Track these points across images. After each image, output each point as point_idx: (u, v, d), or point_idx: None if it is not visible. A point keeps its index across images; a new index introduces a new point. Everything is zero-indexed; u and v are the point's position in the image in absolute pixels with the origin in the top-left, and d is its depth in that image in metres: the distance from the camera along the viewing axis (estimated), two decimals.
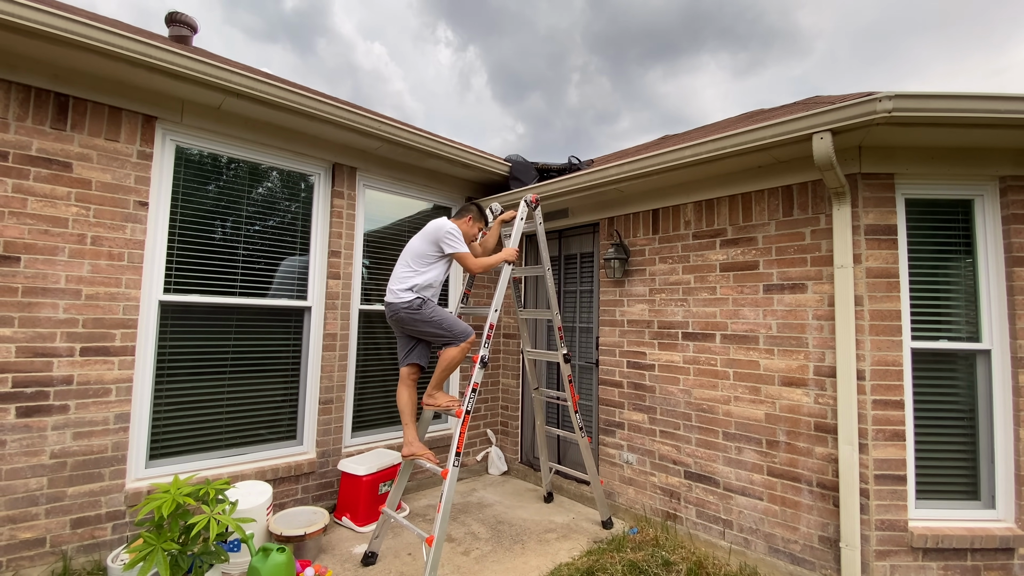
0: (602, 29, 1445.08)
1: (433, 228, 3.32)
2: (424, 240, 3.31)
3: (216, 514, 2.37)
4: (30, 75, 2.84)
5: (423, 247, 3.30)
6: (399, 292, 3.22)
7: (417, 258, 3.28)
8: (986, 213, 2.98)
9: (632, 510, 4.01)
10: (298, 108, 3.45)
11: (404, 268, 3.30)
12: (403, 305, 3.19)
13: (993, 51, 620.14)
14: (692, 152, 3.29)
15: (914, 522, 2.84)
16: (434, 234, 3.28)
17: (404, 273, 3.28)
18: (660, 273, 3.95)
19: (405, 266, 3.30)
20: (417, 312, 3.18)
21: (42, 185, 2.87)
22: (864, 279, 2.92)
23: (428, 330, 3.23)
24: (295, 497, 3.77)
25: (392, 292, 3.26)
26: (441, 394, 3.32)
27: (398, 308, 3.21)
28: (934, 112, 2.52)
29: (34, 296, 2.82)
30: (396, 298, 3.22)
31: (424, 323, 3.20)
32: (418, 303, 3.19)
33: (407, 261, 3.31)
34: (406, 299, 3.19)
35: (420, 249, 3.30)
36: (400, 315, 3.22)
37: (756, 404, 3.35)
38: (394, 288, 3.26)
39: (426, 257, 3.28)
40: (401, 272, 3.29)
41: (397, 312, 3.22)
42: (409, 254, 3.33)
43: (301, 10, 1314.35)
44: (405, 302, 3.19)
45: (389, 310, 3.28)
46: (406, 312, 3.19)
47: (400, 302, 3.20)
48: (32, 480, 2.78)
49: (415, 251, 3.31)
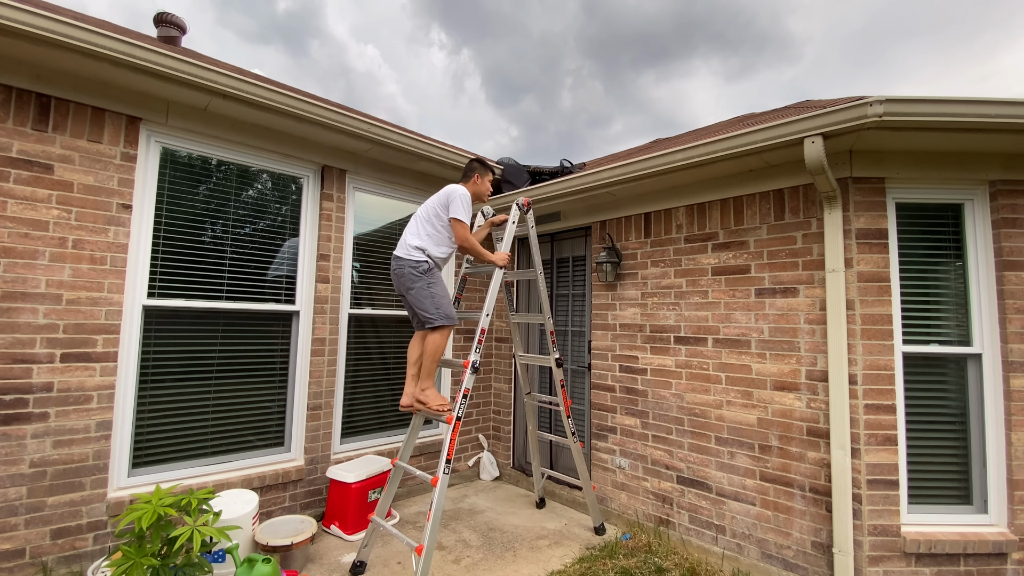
0: (595, 33, 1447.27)
1: (447, 191, 3.30)
2: (439, 203, 3.29)
3: (199, 525, 2.31)
4: (11, 75, 2.78)
5: (438, 209, 3.28)
6: (411, 249, 3.20)
7: (435, 220, 3.26)
8: (976, 217, 2.99)
9: (625, 515, 3.98)
10: (286, 109, 3.40)
11: (425, 226, 3.26)
12: (411, 262, 3.17)
13: (981, 57, 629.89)
14: (684, 156, 3.28)
15: (907, 527, 2.83)
16: (447, 197, 3.26)
17: (424, 231, 3.25)
18: (652, 277, 3.93)
19: (426, 224, 3.27)
20: (420, 277, 3.16)
21: (22, 187, 2.80)
22: (856, 283, 2.91)
23: (418, 298, 3.17)
24: (282, 505, 3.71)
25: (404, 246, 3.23)
26: (432, 392, 3.25)
27: (404, 263, 3.19)
28: (924, 116, 2.52)
29: (13, 301, 2.75)
30: (407, 253, 3.20)
31: (419, 290, 3.16)
32: (426, 267, 3.18)
33: (429, 220, 3.28)
34: (416, 257, 3.17)
35: (435, 211, 3.28)
36: (404, 271, 3.18)
37: (748, 408, 3.33)
38: (408, 242, 3.23)
39: (440, 220, 3.26)
40: (420, 229, 3.26)
41: (403, 267, 3.19)
42: (426, 214, 3.30)
43: (294, 12, 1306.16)
44: (414, 260, 3.17)
45: (395, 263, 3.25)
46: (411, 269, 3.16)
47: (410, 258, 3.18)
48: (11, 490, 2.71)
49: (431, 212, 3.29)
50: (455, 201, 3.22)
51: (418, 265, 3.16)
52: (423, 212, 3.32)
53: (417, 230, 3.26)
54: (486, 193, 3.58)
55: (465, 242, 3.23)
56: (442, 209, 3.26)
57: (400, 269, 3.21)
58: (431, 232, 3.25)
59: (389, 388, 4.60)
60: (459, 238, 3.23)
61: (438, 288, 3.20)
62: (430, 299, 3.16)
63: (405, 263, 3.18)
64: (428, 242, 3.22)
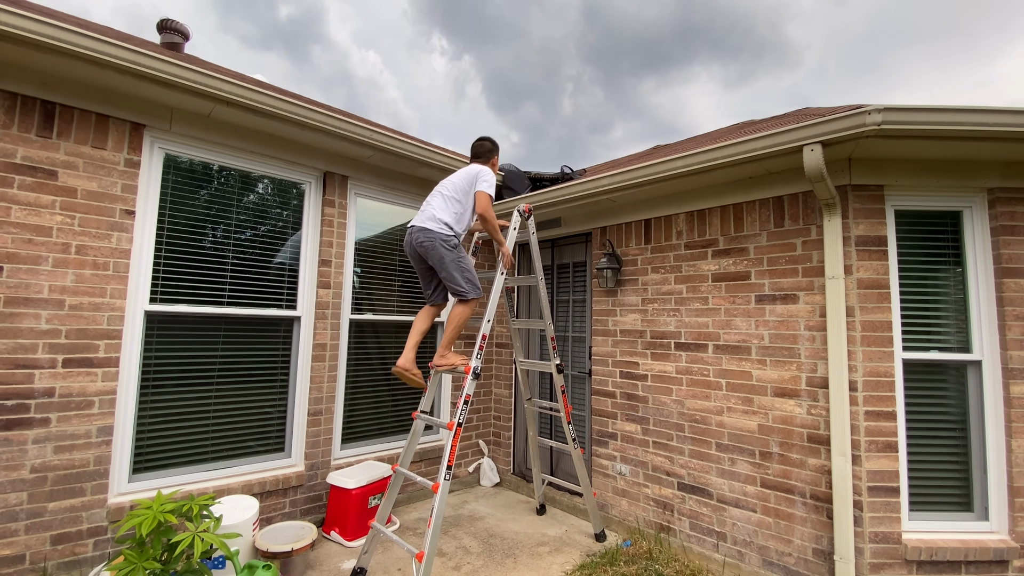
0: (596, 40, 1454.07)
1: (475, 171, 3.39)
2: (466, 182, 3.37)
3: (200, 531, 2.31)
4: (16, 82, 2.80)
5: (466, 188, 3.35)
6: (442, 224, 3.20)
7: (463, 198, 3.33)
8: (975, 224, 3.00)
9: (625, 522, 3.97)
10: (289, 116, 3.43)
11: (453, 205, 3.30)
12: (442, 236, 3.18)
13: (980, 63, 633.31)
14: (683, 163, 3.30)
15: (908, 534, 2.83)
16: (476, 175, 3.36)
17: (452, 209, 3.28)
18: (652, 283, 3.94)
19: (454, 204, 3.31)
20: (451, 251, 3.19)
21: (26, 193, 2.82)
22: (855, 290, 2.92)
23: (452, 273, 3.20)
24: (283, 511, 3.70)
25: (435, 220, 3.21)
26: (452, 353, 3.32)
27: (436, 237, 3.17)
28: (923, 125, 2.54)
29: (16, 306, 2.76)
30: (439, 227, 3.19)
31: (450, 263, 3.18)
32: (455, 242, 3.22)
33: (457, 199, 3.32)
34: (447, 232, 3.20)
35: (464, 189, 3.35)
36: (436, 243, 3.17)
37: (749, 415, 3.33)
38: (439, 217, 3.22)
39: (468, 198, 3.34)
40: (448, 206, 3.29)
41: (434, 241, 3.17)
42: (453, 191, 3.34)
43: (296, 18, 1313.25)
44: (445, 235, 3.19)
45: (422, 235, 3.20)
46: (442, 243, 3.17)
47: (441, 232, 3.18)
48: (11, 495, 2.71)
49: (460, 190, 3.34)
50: (485, 177, 3.33)
51: (448, 239, 3.19)
52: (449, 190, 3.35)
53: (445, 206, 3.29)
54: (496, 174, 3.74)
55: (487, 212, 3.28)
56: (470, 187, 3.35)
57: (431, 242, 3.19)
58: (457, 211, 3.30)
59: (390, 394, 4.61)
60: (481, 206, 3.27)
61: (466, 262, 3.28)
62: (460, 272, 3.21)
63: (436, 237, 3.18)
64: (453, 219, 3.27)
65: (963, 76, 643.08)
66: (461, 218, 3.32)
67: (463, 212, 3.33)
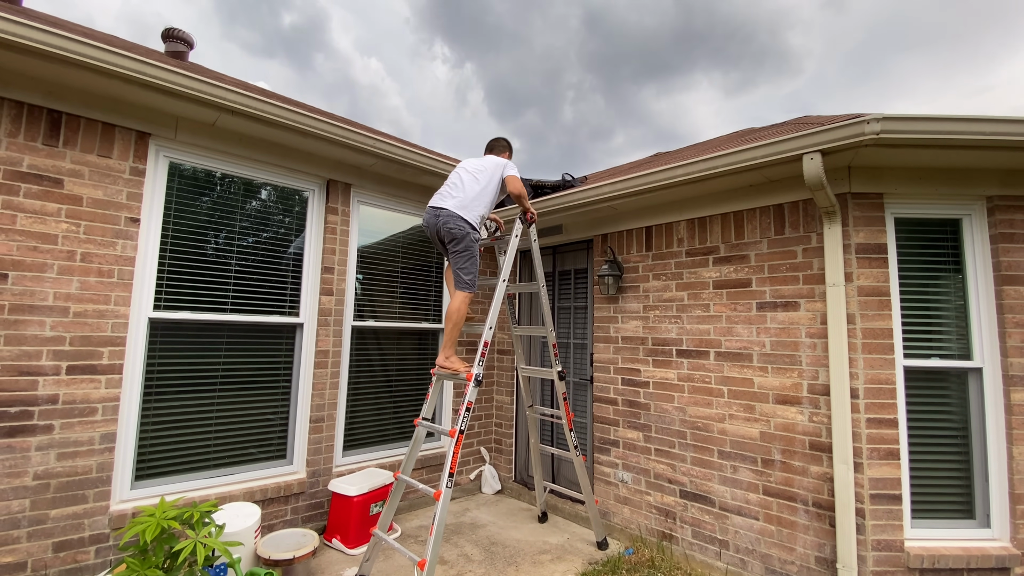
0: (597, 48, 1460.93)
1: (502, 162, 3.62)
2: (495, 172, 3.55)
3: (202, 538, 2.31)
4: (23, 92, 2.83)
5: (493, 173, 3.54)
6: (475, 212, 3.39)
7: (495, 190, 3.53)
8: (974, 232, 3.02)
9: (627, 530, 3.96)
10: (293, 125, 3.46)
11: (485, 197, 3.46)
12: (470, 225, 3.35)
13: (980, 70, 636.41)
14: (684, 171, 3.32)
15: (910, 542, 2.82)
16: (504, 166, 3.59)
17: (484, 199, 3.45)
18: (654, 290, 3.96)
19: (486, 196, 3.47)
20: (467, 235, 3.35)
21: (32, 201, 2.84)
22: (856, 297, 2.94)
23: (463, 257, 3.35)
24: (284, 518, 3.70)
25: (466, 207, 3.36)
26: (456, 357, 3.39)
27: (465, 226, 3.33)
28: (921, 134, 2.56)
29: (21, 313, 2.77)
30: (469, 215, 3.36)
31: (463, 248, 3.34)
32: (470, 227, 3.37)
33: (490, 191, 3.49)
34: (474, 222, 3.38)
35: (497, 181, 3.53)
36: (459, 223, 3.32)
37: (751, 422, 3.34)
38: (470, 205, 3.38)
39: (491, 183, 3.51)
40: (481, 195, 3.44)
41: (457, 219, 3.32)
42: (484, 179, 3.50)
43: (299, 26, 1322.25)
44: (472, 225, 3.37)
45: (452, 222, 3.33)
46: (460, 225, 3.32)
47: (470, 221, 3.35)
48: (14, 502, 2.71)
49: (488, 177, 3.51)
50: (511, 167, 3.60)
51: (476, 230, 3.41)
52: (482, 179, 3.49)
53: (478, 196, 3.43)
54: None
55: (523, 193, 3.52)
56: (494, 175, 3.54)
57: (453, 220, 3.33)
58: (487, 201, 3.49)
59: (391, 401, 4.61)
60: (517, 189, 3.50)
61: (475, 252, 3.41)
62: (468, 260, 3.36)
63: (466, 224, 3.34)
64: (484, 208, 3.46)
65: (963, 83, 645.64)
66: (488, 206, 3.51)
67: (491, 201, 3.53)
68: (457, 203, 3.37)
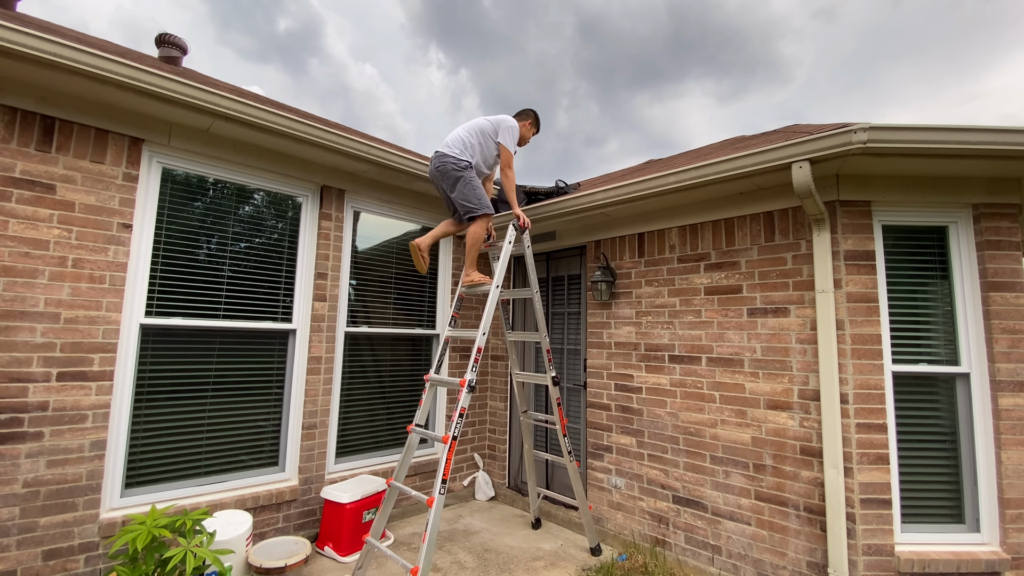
0: (591, 56, 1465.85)
1: (500, 119, 3.85)
2: (490, 124, 3.83)
3: (193, 546, 2.30)
4: (16, 97, 2.83)
5: (487, 126, 3.81)
6: (456, 149, 3.65)
7: (480, 134, 3.77)
8: (961, 239, 3.07)
9: (621, 536, 3.96)
10: (287, 131, 3.47)
11: (467, 134, 3.74)
12: (453, 159, 3.62)
13: (969, 78, 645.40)
14: (676, 179, 3.36)
15: (900, 546, 2.84)
16: (498, 123, 3.83)
17: (467, 138, 3.72)
18: (646, 296, 3.98)
19: (468, 134, 3.75)
20: (463, 172, 3.60)
21: (24, 207, 2.83)
22: (845, 303, 2.97)
23: (462, 190, 3.60)
24: (276, 526, 3.68)
25: (448, 146, 3.67)
26: (475, 272, 3.70)
27: (447, 161, 3.62)
28: (907, 143, 2.61)
29: (11, 320, 2.76)
30: (450, 151, 3.64)
31: (463, 184, 3.60)
32: (465, 164, 3.62)
33: (473, 131, 3.77)
34: (457, 156, 3.62)
35: (483, 127, 3.80)
36: (448, 167, 3.62)
37: (742, 427, 3.36)
38: (452, 144, 3.68)
39: (484, 136, 3.77)
40: (464, 135, 3.73)
41: (446, 164, 3.63)
42: (474, 127, 3.80)
43: (294, 31, 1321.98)
44: (455, 159, 3.62)
45: (437, 160, 3.66)
46: (453, 166, 3.60)
47: (452, 156, 3.62)
48: (3, 510, 2.68)
49: (480, 127, 3.79)
50: (504, 130, 3.79)
51: (458, 162, 3.61)
52: (468, 127, 3.79)
53: (460, 139, 3.71)
54: (526, 140, 4.14)
55: (509, 167, 3.78)
56: (492, 133, 3.80)
57: (443, 166, 3.64)
58: (471, 143, 3.72)
59: (384, 407, 4.60)
60: (505, 162, 3.78)
61: (476, 182, 3.65)
62: (472, 190, 3.60)
63: (448, 160, 3.62)
64: (464, 149, 3.67)
65: (953, 91, 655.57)
66: (474, 152, 3.71)
67: (476, 146, 3.73)
68: (443, 144, 3.71)
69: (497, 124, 3.82)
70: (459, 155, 3.62)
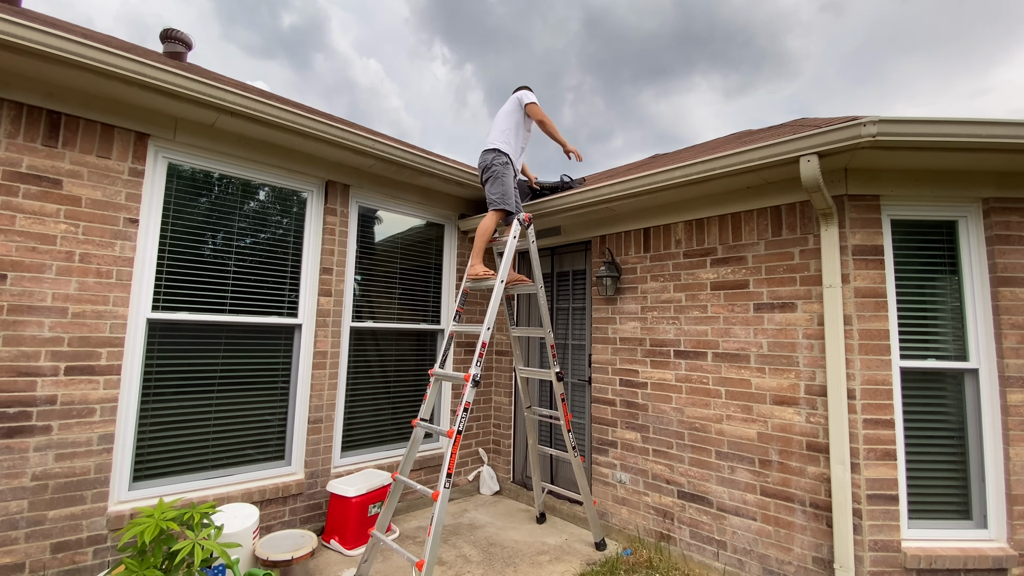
0: (596, 51, 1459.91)
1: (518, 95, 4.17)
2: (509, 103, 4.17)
3: (201, 539, 2.32)
4: (23, 93, 2.83)
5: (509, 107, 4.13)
6: (498, 141, 3.99)
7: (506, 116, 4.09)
8: (970, 234, 3.04)
9: (625, 531, 3.97)
10: (292, 126, 3.46)
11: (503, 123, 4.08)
12: (491, 154, 3.95)
13: (978, 72, 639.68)
14: (682, 173, 3.33)
15: (907, 542, 2.83)
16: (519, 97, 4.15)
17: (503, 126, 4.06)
18: (652, 291, 3.97)
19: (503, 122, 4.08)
20: (492, 167, 3.92)
21: (31, 202, 2.84)
22: (852, 299, 2.95)
23: (491, 185, 3.90)
24: (282, 519, 3.70)
25: (492, 141, 4.02)
26: (480, 265, 3.77)
27: (488, 155, 3.97)
28: (917, 137, 2.58)
29: (19, 314, 2.78)
30: (494, 144, 3.98)
31: (491, 178, 3.91)
32: (503, 160, 3.93)
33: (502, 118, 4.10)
34: (501, 150, 3.95)
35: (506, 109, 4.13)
36: (486, 160, 3.97)
37: (748, 423, 3.35)
38: (495, 139, 4.02)
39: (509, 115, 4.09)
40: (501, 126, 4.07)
41: (486, 158, 3.98)
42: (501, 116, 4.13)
43: (298, 27, 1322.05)
44: (496, 151, 3.95)
45: (485, 156, 4.02)
46: (492, 160, 3.93)
47: (493, 149, 3.97)
48: (12, 503, 2.71)
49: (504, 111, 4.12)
50: (527, 95, 4.13)
51: (499, 157, 3.94)
52: (500, 119, 4.12)
53: (498, 132, 4.05)
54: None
55: (543, 117, 4.09)
56: (513, 110, 4.11)
57: (484, 160, 3.99)
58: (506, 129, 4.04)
59: (390, 401, 4.61)
60: (538, 115, 4.08)
61: (508, 180, 3.91)
62: (500, 186, 3.87)
63: (489, 155, 3.96)
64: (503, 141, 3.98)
65: (962, 85, 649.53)
66: (509, 137, 4.02)
67: (511, 129, 4.05)
68: (491, 138, 4.04)
69: (517, 97, 4.15)
70: (501, 147, 3.95)
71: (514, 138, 4.03)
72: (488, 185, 3.93)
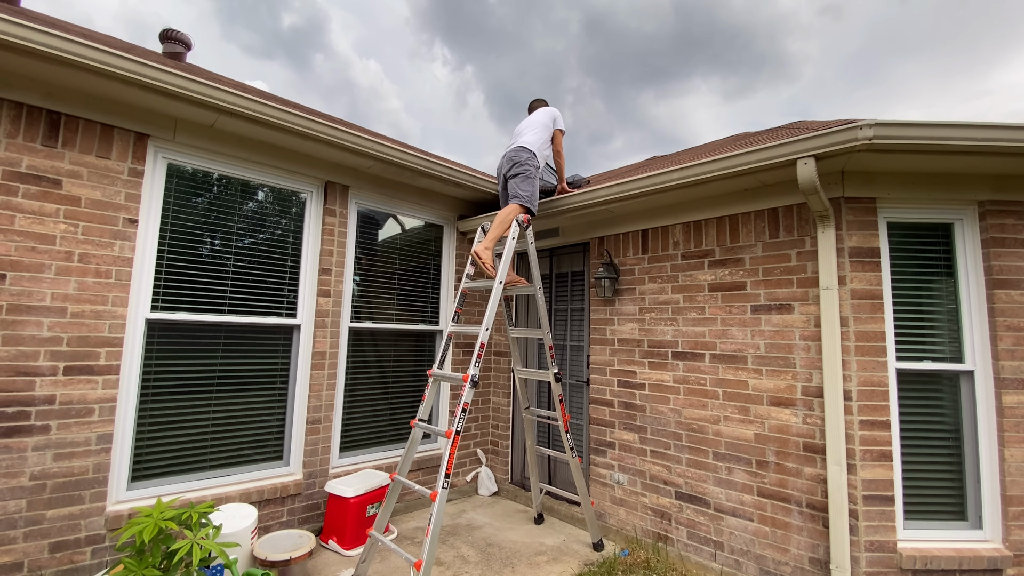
0: (596, 53, 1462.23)
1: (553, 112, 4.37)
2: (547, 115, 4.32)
3: (199, 539, 2.32)
4: (23, 93, 2.84)
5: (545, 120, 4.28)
6: (530, 144, 4.06)
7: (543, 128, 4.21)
8: (966, 236, 3.06)
9: (623, 531, 3.98)
10: (291, 127, 3.47)
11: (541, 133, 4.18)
12: (526, 153, 4.01)
13: (977, 75, 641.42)
14: (680, 175, 3.35)
15: (903, 543, 2.85)
16: (553, 116, 4.34)
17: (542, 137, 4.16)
18: (650, 292, 3.98)
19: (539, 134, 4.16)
20: (525, 166, 3.96)
21: (31, 202, 2.85)
22: (849, 300, 2.97)
23: (519, 178, 3.94)
24: (281, 520, 3.70)
25: (531, 143, 4.06)
26: (487, 254, 3.69)
27: (520, 151, 4.03)
28: (914, 140, 2.59)
29: (18, 314, 2.78)
30: (525, 143, 4.06)
31: (522, 175, 3.95)
32: (536, 164, 4.01)
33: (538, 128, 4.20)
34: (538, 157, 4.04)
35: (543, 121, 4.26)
36: (520, 157, 4.00)
37: (745, 424, 3.36)
38: (531, 143, 4.07)
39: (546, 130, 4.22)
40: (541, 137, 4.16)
41: (520, 155, 4.01)
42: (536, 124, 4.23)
43: (298, 27, 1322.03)
44: (529, 152, 4.02)
45: (522, 153, 4.02)
46: (525, 156, 3.99)
47: (527, 149, 4.03)
48: (11, 503, 2.71)
49: (541, 123, 4.24)
50: (560, 118, 4.37)
51: (531, 157, 4.02)
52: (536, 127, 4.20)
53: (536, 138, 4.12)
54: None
55: (560, 152, 4.35)
56: (550, 123, 4.27)
57: (519, 155, 4.02)
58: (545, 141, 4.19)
59: (388, 402, 4.62)
60: (559, 147, 4.35)
61: (535, 182, 3.98)
62: (530, 186, 3.93)
63: (530, 155, 4.01)
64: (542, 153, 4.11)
65: (961, 88, 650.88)
66: (543, 148, 4.14)
67: (544, 144, 4.17)
68: (525, 140, 4.09)
69: (552, 115, 4.32)
70: (536, 152, 4.04)
71: (543, 151, 4.14)
72: (517, 180, 3.95)
